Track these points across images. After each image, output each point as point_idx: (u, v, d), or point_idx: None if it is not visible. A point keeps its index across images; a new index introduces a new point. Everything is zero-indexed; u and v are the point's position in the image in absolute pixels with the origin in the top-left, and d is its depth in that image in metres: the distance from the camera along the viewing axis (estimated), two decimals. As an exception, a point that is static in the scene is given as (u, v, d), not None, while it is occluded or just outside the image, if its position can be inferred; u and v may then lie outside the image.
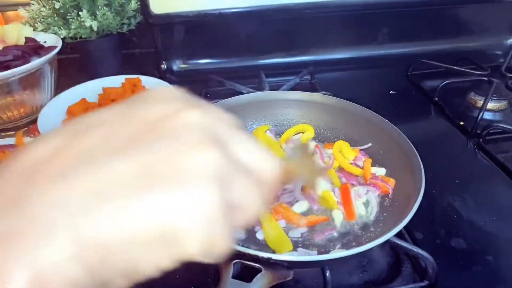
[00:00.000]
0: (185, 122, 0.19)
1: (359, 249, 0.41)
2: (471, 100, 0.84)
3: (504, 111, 0.80)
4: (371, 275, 0.49)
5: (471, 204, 0.59)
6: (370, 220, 0.53)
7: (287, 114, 0.71)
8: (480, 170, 0.67)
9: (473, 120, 0.74)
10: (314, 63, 0.96)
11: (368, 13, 0.96)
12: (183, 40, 0.94)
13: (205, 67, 0.96)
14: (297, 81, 0.83)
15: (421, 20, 1.01)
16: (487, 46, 1.05)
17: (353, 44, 1.02)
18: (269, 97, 0.71)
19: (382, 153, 0.61)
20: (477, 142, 0.72)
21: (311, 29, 0.98)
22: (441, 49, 1.03)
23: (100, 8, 0.80)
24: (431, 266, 0.47)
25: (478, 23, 1.04)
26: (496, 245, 0.52)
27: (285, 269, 0.40)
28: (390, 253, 0.52)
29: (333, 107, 0.67)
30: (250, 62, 0.97)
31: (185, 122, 0.19)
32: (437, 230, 0.54)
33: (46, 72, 0.76)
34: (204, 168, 0.18)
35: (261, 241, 0.50)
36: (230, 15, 0.88)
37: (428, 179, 0.52)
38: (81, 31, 0.81)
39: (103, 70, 0.89)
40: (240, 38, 0.96)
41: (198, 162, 0.18)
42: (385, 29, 1.01)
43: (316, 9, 0.90)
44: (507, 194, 0.61)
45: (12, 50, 0.71)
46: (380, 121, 0.62)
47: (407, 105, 0.86)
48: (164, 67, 0.95)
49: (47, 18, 0.81)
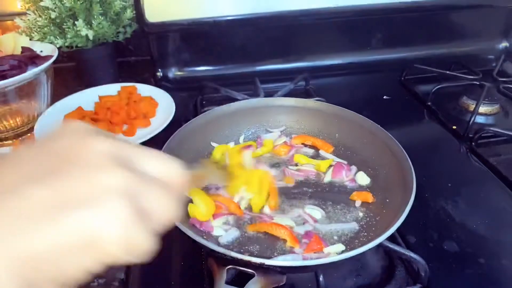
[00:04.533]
0: (91, 150, 0.23)
1: (351, 253, 0.42)
2: (463, 104, 0.85)
3: (496, 115, 0.81)
4: (365, 279, 0.49)
5: (464, 208, 0.59)
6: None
7: (281, 121, 0.71)
8: (472, 174, 0.67)
9: (465, 124, 0.75)
10: (309, 69, 0.96)
11: (362, 19, 0.97)
12: (178, 48, 0.94)
13: (201, 74, 0.97)
14: (291, 87, 0.84)
15: (414, 25, 1.03)
16: (479, 51, 1.07)
17: (347, 50, 1.03)
18: (263, 103, 0.72)
19: (374, 158, 0.62)
20: (469, 145, 0.73)
21: (305, 36, 0.99)
22: (434, 54, 1.04)
23: (96, 17, 0.81)
24: (423, 270, 0.47)
25: (470, 28, 1.05)
26: (488, 248, 0.53)
27: (278, 274, 0.41)
28: (384, 257, 0.52)
29: (326, 113, 0.68)
30: (245, 69, 0.98)
31: (91, 150, 0.23)
32: (429, 234, 0.55)
33: (43, 81, 0.77)
34: (110, 185, 0.22)
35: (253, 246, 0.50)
36: (224, 22, 0.89)
37: (421, 183, 0.53)
38: (77, 40, 0.82)
39: (99, 78, 0.90)
40: (235, 45, 0.97)
41: (105, 181, 0.22)
42: (379, 35, 1.02)
43: (310, 16, 0.92)
44: (499, 197, 0.62)
45: (9, 60, 0.72)
46: (372, 126, 0.62)
47: (400, 109, 0.87)
48: (160, 75, 0.96)
49: (43, 28, 0.82)
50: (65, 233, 0.20)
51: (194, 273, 0.50)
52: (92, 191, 0.21)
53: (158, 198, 0.24)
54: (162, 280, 0.49)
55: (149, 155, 0.26)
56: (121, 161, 0.23)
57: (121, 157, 0.24)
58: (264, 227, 0.52)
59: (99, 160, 0.23)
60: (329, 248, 0.49)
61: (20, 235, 0.20)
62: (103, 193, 0.21)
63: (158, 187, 0.24)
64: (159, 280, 0.49)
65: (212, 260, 0.43)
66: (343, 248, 0.50)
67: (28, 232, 0.20)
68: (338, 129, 0.68)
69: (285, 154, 0.66)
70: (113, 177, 0.22)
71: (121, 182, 0.22)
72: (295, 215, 0.55)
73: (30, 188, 0.21)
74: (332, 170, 0.62)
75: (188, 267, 0.50)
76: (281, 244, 0.50)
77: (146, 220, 0.23)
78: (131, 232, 0.22)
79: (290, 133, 0.71)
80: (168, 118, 0.74)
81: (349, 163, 0.64)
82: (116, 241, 0.21)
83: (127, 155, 0.24)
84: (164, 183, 0.25)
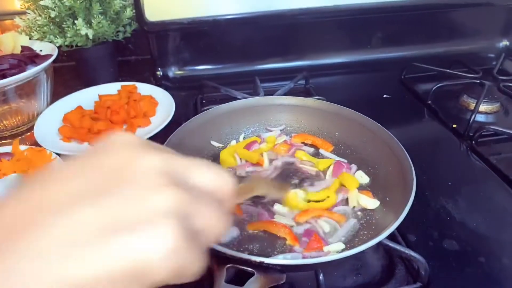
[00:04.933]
0: (143, 168, 0.22)
1: (351, 251, 0.42)
2: (463, 103, 0.85)
3: (496, 113, 0.81)
4: (365, 278, 0.49)
5: (464, 206, 0.59)
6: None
7: (281, 119, 0.71)
8: (472, 172, 0.67)
9: (465, 123, 0.75)
10: (309, 68, 0.96)
11: (362, 18, 0.97)
12: (178, 47, 0.94)
13: (201, 73, 0.96)
14: (291, 86, 0.84)
15: (414, 24, 1.02)
16: (479, 49, 1.07)
17: (347, 48, 1.03)
18: (263, 102, 0.72)
19: (374, 156, 0.62)
20: (469, 144, 0.73)
21: (305, 35, 0.99)
22: (434, 53, 1.04)
23: (96, 16, 0.81)
24: (423, 268, 0.47)
25: (470, 26, 1.05)
26: (488, 246, 0.53)
27: (277, 272, 0.41)
28: (384, 255, 0.52)
29: (326, 111, 0.68)
30: (245, 68, 0.98)
31: (143, 168, 0.22)
32: (430, 232, 0.55)
33: (42, 80, 0.77)
34: (162, 207, 0.21)
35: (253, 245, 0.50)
36: (224, 21, 0.89)
37: (421, 182, 0.52)
38: (76, 39, 0.82)
39: (99, 77, 0.90)
40: (235, 44, 0.97)
41: (157, 203, 0.21)
42: (379, 34, 1.02)
43: (310, 14, 0.91)
44: (500, 196, 0.62)
45: (8, 59, 0.72)
46: (372, 124, 0.62)
47: (400, 108, 0.87)
48: (160, 74, 0.96)
49: (43, 27, 0.82)
50: (116, 259, 0.19)
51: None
52: (144, 213, 0.20)
53: (209, 216, 0.23)
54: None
55: (199, 167, 0.25)
56: (172, 178, 0.22)
57: (172, 173, 0.23)
58: (263, 226, 0.52)
59: (150, 178, 0.22)
60: (329, 246, 0.49)
61: (69, 259, 0.19)
62: (155, 216, 0.20)
63: (209, 204, 0.23)
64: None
65: (212, 259, 0.43)
66: (343, 246, 0.50)
67: (78, 256, 0.19)
68: (338, 127, 0.68)
69: (285, 152, 0.66)
70: (165, 198, 0.21)
71: (173, 203, 0.21)
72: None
73: (81, 209, 0.20)
74: (332, 169, 0.62)
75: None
76: (281, 243, 0.50)
77: (197, 240, 0.22)
78: (182, 257, 0.21)
79: (290, 132, 0.71)
80: (168, 117, 0.74)
81: (349, 161, 0.64)
82: (167, 268, 0.20)
83: (177, 169, 0.23)
84: (214, 197, 0.24)
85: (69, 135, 0.72)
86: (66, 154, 0.65)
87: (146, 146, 0.24)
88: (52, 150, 0.65)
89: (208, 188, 0.24)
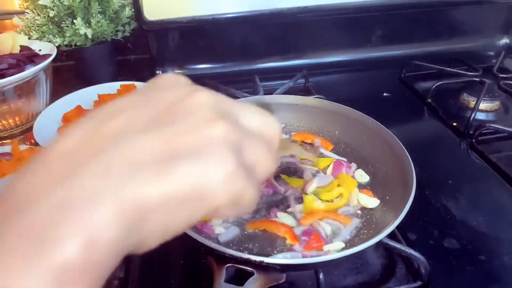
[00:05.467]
0: (196, 102, 0.23)
1: (351, 250, 0.42)
2: (464, 101, 0.85)
3: (496, 112, 0.81)
4: (365, 277, 0.49)
5: (464, 205, 0.59)
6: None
7: (281, 118, 0.71)
8: (472, 171, 0.67)
9: (466, 121, 0.75)
10: (308, 66, 0.96)
11: (361, 16, 0.97)
12: (177, 46, 0.94)
13: (200, 72, 0.96)
14: (290, 85, 0.84)
15: (414, 22, 1.02)
16: (479, 47, 1.06)
17: (346, 47, 1.02)
18: (262, 101, 0.71)
19: (374, 155, 0.61)
20: (469, 142, 0.72)
21: (305, 33, 0.98)
22: (433, 51, 1.04)
23: (95, 16, 0.81)
24: (423, 267, 0.47)
25: (470, 24, 1.05)
26: (489, 245, 0.53)
27: (277, 272, 0.41)
28: (384, 254, 0.52)
29: (325, 110, 0.68)
30: (244, 67, 0.98)
31: (196, 102, 0.23)
32: (430, 231, 0.55)
33: (41, 80, 0.77)
34: (217, 137, 0.22)
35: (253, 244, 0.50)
36: (224, 20, 0.89)
37: (421, 180, 0.52)
38: (75, 38, 0.82)
39: (98, 77, 0.89)
40: (235, 43, 0.96)
41: (211, 134, 0.22)
42: (378, 32, 1.02)
43: (310, 13, 0.91)
44: (500, 194, 0.62)
45: (7, 59, 0.72)
46: (372, 123, 0.62)
47: (400, 106, 0.87)
48: (159, 73, 0.96)
49: (41, 27, 0.82)
50: (178, 183, 0.20)
51: (193, 271, 0.49)
52: (200, 142, 0.21)
53: (258, 151, 0.24)
54: (161, 279, 0.49)
55: (249, 109, 0.26)
56: (223, 113, 0.23)
57: (223, 109, 0.24)
58: (263, 225, 0.52)
59: (203, 112, 0.22)
60: (329, 245, 0.49)
61: (132, 182, 0.19)
62: (210, 144, 0.21)
63: (258, 140, 0.24)
64: (158, 279, 0.49)
65: (211, 258, 0.42)
66: (343, 245, 0.50)
67: (140, 180, 0.20)
68: (338, 126, 0.68)
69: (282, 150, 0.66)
70: (219, 129, 0.22)
71: (226, 134, 0.22)
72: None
73: (141, 136, 0.21)
74: (332, 167, 0.61)
75: (187, 265, 0.50)
76: (280, 242, 0.50)
77: (249, 171, 0.23)
78: (239, 182, 0.22)
79: (289, 130, 0.71)
80: (168, 116, 0.74)
81: (349, 160, 0.64)
82: (226, 191, 0.21)
83: (228, 107, 0.24)
84: (263, 136, 0.25)
85: (69, 134, 0.71)
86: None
87: (196, 86, 0.25)
88: (51, 150, 0.65)
89: (256, 129, 0.25)
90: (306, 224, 0.52)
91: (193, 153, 0.21)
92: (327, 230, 0.52)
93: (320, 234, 0.51)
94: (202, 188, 0.21)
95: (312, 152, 0.52)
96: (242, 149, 0.23)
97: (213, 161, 0.21)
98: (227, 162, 0.21)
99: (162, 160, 0.20)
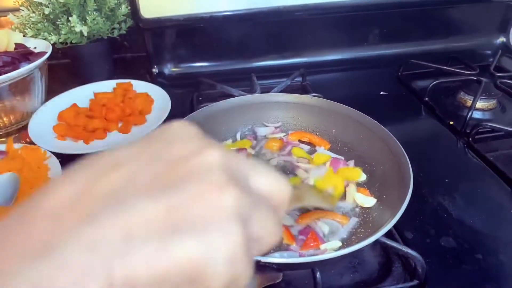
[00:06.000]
0: (205, 162, 0.20)
1: (348, 249, 0.41)
2: (461, 100, 0.85)
3: (493, 110, 0.81)
4: (362, 276, 0.49)
5: (461, 203, 0.59)
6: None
7: (278, 117, 0.71)
8: (469, 169, 0.67)
9: (462, 120, 0.75)
10: (306, 65, 0.96)
11: (359, 14, 0.97)
12: (174, 44, 0.94)
13: (197, 71, 0.96)
14: (288, 83, 0.84)
15: (411, 21, 1.02)
16: (476, 46, 1.06)
17: (344, 45, 1.02)
18: (259, 99, 0.71)
19: (371, 154, 0.61)
20: (466, 141, 0.73)
21: (302, 31, 0.98)
22: (431, 50, 1.04)
23: (90, 13, 0.80)
24: (420, 266, 0.47)
25: (467, 23, 1.05)
26: (486, 243, 0.53)
27: (274, 271, 0.41)
28: (381, 253, 0.52)
29: (322, 108, 0.68)
30: (241, 65, 0.97)
31: (205, 162, 0.20)
32: (427, 230, 0.55)
33: (37, 78, 0.76)
34: (226, 208, 0.19)
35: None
36: (221, 18, 0.88)
37: (418, 179, 0.52)
38: (71, 36, 0.81)
39: (94, 75, 0.89)
40: (232, 41, 0.96)
41: (221, 203, 0.19)
42: (376, 30, 1.02)
43: (307, 11, 0.91)
44: (496, 193, 0.62)
45: (2, 56, 0.71)
46: (369, 122, 0.62)
47: (397, 105, 0.87)
48: (156, 71, 0.95)
49: (36, 24, 0.81)
50: (174, 264, 0.18)
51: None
52: (207, 213, 0.19)
53: (268, 223, 0.22)
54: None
55: (261, 170, 0.23)
56: (234, 177, 0.20)
57: (234, 171, 0.21)
58: None
59: (213, 175, 0.20)
60: (326, 244, 0.49)
61: (123, 260, 0.17)
62: (218, 215, 0.19)
63: (268, 209, 0.22)
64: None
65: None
66: (340, 244, 0.50)
67: (133, 258, 0.17)
68: (335, 125, 0.67)
69: (277, 148, 0.66)
70: (229, 197, 0.19)
71: (236, 203, 0.19)
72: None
73: (139, 202, 0.18)
74: (329, 165, 0.61)
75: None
76: (277, 241, 0.50)
77: (251, 247, 0.20)
78: (240, 265, 0.19)
79: (286, 129, 0.70)
80: (164, 115, 0.74)
81: (346, 159, 0.64)
82: (225, 275, 0.19)
83: (239, 168, 0.22)
84: (272, 201, 0.23)
85: (64, 133, 0.71)
86: (60, 152, 0.65)
87: (205, 139, 0.23)
88: (46, 149, 0.65)
89: (266, 192, 0.23)
90: (303, 223, 0.52)
91: (197, 226, 0.18)
92: (324, 229, 0.52)
93: (317, 233, 0.50)
94: (202, 268, 0.18)
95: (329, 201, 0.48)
96: (250, 220, 0.20)
97: (219, 237, 0.18)
98: (234, 238, 0.19)
99: (160, 234, 0.18)
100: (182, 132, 0.23)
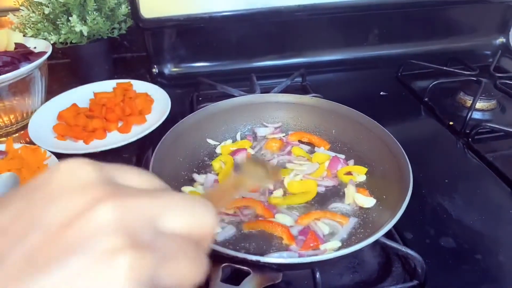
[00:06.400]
0: (92, 226, 0.17)
1: (348, 250, 0.41)
2: (460, 100, 0.85)
3: (492, 111, 0.81)
4: (362, 276, 0.49)
5: (460, 204, 0.59)
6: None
7: (278, 117, 0.71)
8: (469, 170, 0.67)
9: (462, 120, 0.75)
10: (305, 65, 0.96)
11: (359, 15, 0.97)
12: (174, 44, 0.94)
13: (197, 71, 0.96)
14: (288, 84, 0.84)
15: (411, 21, 1.02)
16: (476, 47, 1.06)
17: (344, 46, 1.02)
18: (259, 100, 0.71)
19: (371, 154, 0.61)
20: (466, 141, 0.73)
21: (302, 32, 0.98)
22: (430, 50, 1.04)
23: (90, 13, 0.80)
24: (420, 266, 0.47)
25: (467, 23, 1.05)
26: (485, 244, 0.53)
27: (274, 271, 0.41)
28: (381, 253, 0.52)
29: (322, 109, 0.68)
30: (241, 65, 0.97)
31: (92, 226, 0.17)
32: (426, 230, 0.55)
33: (37, 77, 0.76)
34: (120, 282, 0.16)
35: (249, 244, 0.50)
36: (220, 18, 0.88)
37: (417, 179, 0.52)
38: (71, 36, 0.81)
39: (94, 75, 0.89)
40: (232, 41, 0.96)
41: (113, 276, 0.16)
42: (375, 31, 1.02)
43: (307, 11, 0.91)
44: (496, 193, 0.62)
45: (2, 56, 0.71)
46: (369, 122, 0.62)
47: (397, 105, 0.87)
48: (156, 71, 0.95)
49: (36, 24, 0.81)
50: None
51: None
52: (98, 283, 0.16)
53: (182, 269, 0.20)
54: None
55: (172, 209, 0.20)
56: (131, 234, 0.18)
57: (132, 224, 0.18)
58: (260, 225, 0.52)
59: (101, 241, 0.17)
60: (326, 245, 0.49)
61: None
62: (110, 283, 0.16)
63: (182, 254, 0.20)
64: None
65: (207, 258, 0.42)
66: (339, 244, 0.50)
67: None
68: (335, 125, 0.67)
69: (277, 149, 0.66)
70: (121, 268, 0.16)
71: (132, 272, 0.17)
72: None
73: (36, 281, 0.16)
74: (329, 163, 0.61)
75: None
76: (277, 242, 0.50)
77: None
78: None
79: (286, 129, 0.70)
80: (164, 114, 0.74)
81: (346, 159, 0.64)
82: None
83: (142, 217, 0.19)
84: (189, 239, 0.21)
85: (64, 133, 0.71)
86: (60, 152, 0.65)
87: (101, 182, 0.19)
88: (46, 148, 0.64)
89: (184, 231, 0.20)
90: (302, 223, 0.52)
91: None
92: (324, 229, 0.52)
93: (317, 234, 0.50)
94: None
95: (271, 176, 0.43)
96: (160, 275, 0.18)
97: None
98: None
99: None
100: (71, 179, 0.19)
